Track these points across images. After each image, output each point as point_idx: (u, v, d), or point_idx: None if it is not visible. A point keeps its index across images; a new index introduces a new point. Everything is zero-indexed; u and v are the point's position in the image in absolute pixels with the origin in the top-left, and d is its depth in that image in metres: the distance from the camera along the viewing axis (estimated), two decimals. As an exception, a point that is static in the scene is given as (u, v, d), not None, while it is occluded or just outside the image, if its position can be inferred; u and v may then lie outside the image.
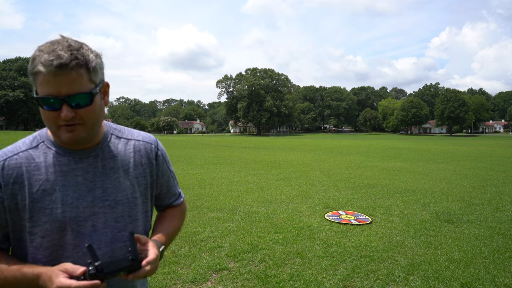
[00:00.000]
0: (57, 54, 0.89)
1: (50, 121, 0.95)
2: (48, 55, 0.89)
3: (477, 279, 3.49)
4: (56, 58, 0.89)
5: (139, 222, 1.11)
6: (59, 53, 0.89)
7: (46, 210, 0.98)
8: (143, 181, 1.13)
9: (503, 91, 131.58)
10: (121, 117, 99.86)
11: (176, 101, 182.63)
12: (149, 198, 1.16)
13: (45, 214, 0.98)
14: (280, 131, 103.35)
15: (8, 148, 1.01)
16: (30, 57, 0.93)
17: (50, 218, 0.98)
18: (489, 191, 8.28)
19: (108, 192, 1.05)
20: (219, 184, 8.69)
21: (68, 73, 0.90)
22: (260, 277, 3.45)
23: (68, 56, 0.90)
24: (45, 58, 0.89)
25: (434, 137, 72.55)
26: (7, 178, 0.97)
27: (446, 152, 22.18)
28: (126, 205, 1.07)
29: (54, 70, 0.89)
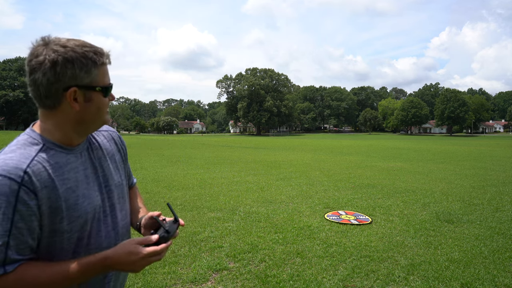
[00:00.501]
0: (102, 49, 1.06)
1: (105, 107, 1.10)
2: (100, 51, 1.04)
3: (477, 279, 3.49)
4: (105, 52, 1.06)
5: (127, 200, 1.26)
6: (101, 49, 1.06)
7: (77, 206, 1.04)
8: (121, 164, 1.27)
9: (503, 91, 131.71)
10: (121, 117, 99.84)
11: (176, 101, 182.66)
12: (126, 178, 1.31)
13: (76, 210, 1.04)
14: (280, 131, 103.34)
15: (15, 158, 0.97)
16: (76, 52, 0.99)
17: (81, 212, 1.05)
18: (489, 191, 8.28)
19: (106, 179, 1.16)
20: (219, 184, 8.69)
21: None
22: (260, 277, 3.45)
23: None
24: (101, 50, 1.04)
25: (434, 137, 72.54)
26: (38, 184, 0.97)
27: (446, 152, 22.18)
28: (119, 188, 1.20)
29: (109, 61, 1.08)
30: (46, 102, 1.01)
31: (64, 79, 0.98)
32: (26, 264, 0.97)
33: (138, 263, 1.02)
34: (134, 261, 1.02)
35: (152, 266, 3.64)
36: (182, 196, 7.14)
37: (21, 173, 0.94)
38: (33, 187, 0.95)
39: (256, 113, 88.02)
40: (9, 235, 0.92)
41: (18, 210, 0.93)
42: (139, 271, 1.05)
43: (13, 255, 0.94)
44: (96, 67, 1.02)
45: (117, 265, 1.02)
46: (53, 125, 1.05)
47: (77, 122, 1.05)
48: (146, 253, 1.01)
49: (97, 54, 1.02)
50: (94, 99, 1.05)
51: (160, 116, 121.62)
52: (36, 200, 0.96)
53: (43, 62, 0.97)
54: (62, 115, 1.03)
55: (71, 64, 0.98)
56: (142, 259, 1.02)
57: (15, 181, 0.93)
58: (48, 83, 0.98)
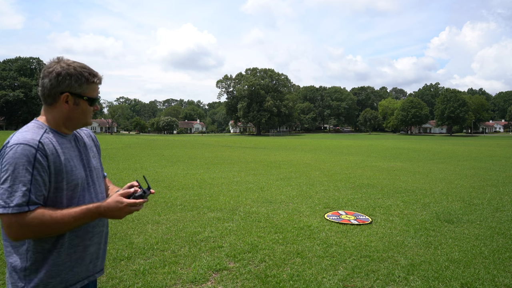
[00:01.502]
0: (96, 73, 1.52)
1: (89, 113, 1.53)
2: (96, 73, 1.51)
3: (477, 279, 3.49)
4: (99, 76, 1.52)
5: (102, 181, 1.69)
6: (97, 72, 1.52)
7: (73, 171, 1.45)
8: (97, 155, 1.68)
9: (503, 91, 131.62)
10: (121, 117, 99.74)
11: (176, 101, 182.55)
12: (101, 167, 1.74)
13: (72, 174, 1.44)
14: (280, 131, 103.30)
15: (29, 134, 1.38)
16: (76, 70, 1.45)
17: (74, 177, 1.45)
18: (489, 191, 8.28)
19: (88, 161, 1.58)
20: (219, 184, 8.69)
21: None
22: (260, 277, 3.45)
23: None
24: (96, 74, 1.51)
25: (434, 137, 72.52)
26: (48, 151, 1.37)
27: (446, 152, 22.17)
28: (97, 170, 1.63)
29: (99, 82, 1.53)
30: (48, 100, 1.46)
31: (62, 86, 1.43)
32: (42, 207, 1.34)
33: (123, 209, 1.43)
34: (120, 208, 1.42)
35: (152, 266, 3.64)
36: (182, 196, 7.14)
37: (37, 142, 1.36)
38: (45, 152, 1.36)
39: (256, 113, 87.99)
40: (31, 184, 1.31)
41: (36, 167, 1.32)
42: (122, 217, 1.46)
43: (34, 199, 1.32)
44: (88, 83, 1.47)
45: (107, 211, 1.42)
46: (51, 117, 1.48)
47: (66, 118, 1.49)
48: (128, 202, 1.44)
49: (91, 75, 1.48)
50: (81, 105, 1.48)
51: (160, 116, 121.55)
52: (47, 162, 1.36)
53: (51, 72, 1.43)
54: (57, 111, 1.47)
55: (70, 77, 1.43)
56: (125, 206, 1.43)
57: (33, 147, 1.34)
58: (51, 87, 1.43)
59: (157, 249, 4.15)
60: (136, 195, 1.48)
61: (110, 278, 3.38)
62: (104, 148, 22.18)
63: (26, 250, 1.39)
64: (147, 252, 4.04)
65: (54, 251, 1.42)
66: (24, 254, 1.39)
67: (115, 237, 4.51)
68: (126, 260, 3.81)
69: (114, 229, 4.82)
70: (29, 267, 1.39)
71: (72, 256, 1.46)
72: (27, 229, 1.30)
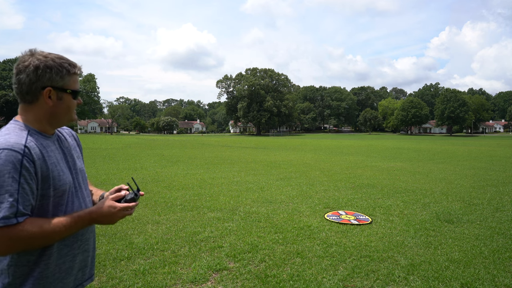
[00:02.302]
0: (75, 63, 1.39)
1: (73, 107, 1.41)
2: (74, 63, 1.38)
3: (477, 279, 3.49)
4: (78, 66, 1.39)
5: (87, 184, 1.58)
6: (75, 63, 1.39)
7: (60, 177, 1.33)
8: (81, 156, 1.59)
9: (503, 91, 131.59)
10: (121, 117, 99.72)
11: (176, 101, 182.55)
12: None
13: (60, 179, 1.33)
14: (280, 131, 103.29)
15: (12, 137, 1.25)
16: (55, 62, 1.32)
17: (63, 181, 1.35)
18: (489, 191, 8.28)
19: (74, 163, 1.47)
20: (219, 184, 8.69)
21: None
22: (260, 277, 3.45)
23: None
24: (74, 64, 1.37)
25: (434, 137, 72.51)
26: (35, 156, 1.25)
27: (446, 152, 22.17)
28: (83, 172, 1.53)
29: (80, 73, 1.41)
30: (27, 97, 1.32)
31: (42, 80, 1.30)
32: (31, 217, 1.24)
33: (116, 214, 1.36)
34: (113, 212, 1.35)
35: (152, 266, 3.64)
36: (182, 196, 7.14)
37: (22, 147, 1.23)
38: (32, 158, 1.24)
39: (256, 113, 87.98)
40: (18, 193, 1.19)
41: (23, 174, 1.20)
42: (115, 222, 1.39)
43: (22, 209, 1.20)
44: (69, 75, 1.35)
45: (100, 217, 1.35)
46: (32, 116, 1.34)
47: (50, 115, 1.36)
48: (122, 206, 1.37)
49: (71, 65, 1.36)
50: (64, 99, 1.37)
51: (160, 116, 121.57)
52: (34, 168, 1.24)
53: (28, 66, 1.29)
54: (39, 109, 1.34)
55: (50, 69, 1.30)
56: (118, 211, 1.36)
57: (19, 153, 1.21)
58: (30, 82, 1.29)
59: (157, 249, 4.15)
60: (128, 198, 1.41)
61: (110, 278, 3.38)
62: (104, 148, 22.18)
63: (8, 265, 1.26)
64: (147, 252, 4.04)
65: (41, 263, 1.31)
66: (6, 269, 1.27)
67: (115, 237, 4.51)
68: (126, 260, 3.81)
69: (114, 229, 4.82)
70: (11, 282, 1.27)
71: (61, 267, 1.37)
72: (16, 242, 1.19)
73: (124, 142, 30.18)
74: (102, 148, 21.66)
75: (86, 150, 19.24)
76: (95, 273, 3.48)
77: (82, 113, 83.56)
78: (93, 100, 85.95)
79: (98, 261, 3.74)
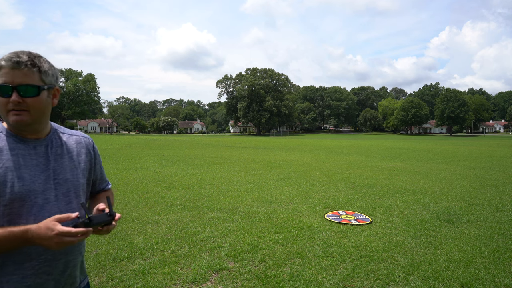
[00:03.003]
0: (17, 55, 1.19)
1: (2, 106, 1.20)
2: (10, 55, 1.19)
3: (477, 279, 3.49)
4: (15, 57, 1.18)
5: (81, 197, 1.38)
6: (19, 54, 1.20)
7: (8, 184, 1.18)
8: (84, 165, 1.41)
9: (503, 91, 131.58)
10: (121, 117, 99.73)
11: (176, 101, 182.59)
12: (90, 180, 1.48)
13: (7, 187, 1.18)
14: (280, 131, 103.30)
15: None
16: None
17: (11, 190, 1.19)
18: (489, 191, 8.28)
19: (57, 173, 1.30)
20: (219, 184, 8.69)
21: (21, 68, 1.18)
22: (260, 277, 3.45)
23: (25, 57, 1.19)
24: (8, 56, 1.19)
25: (434, 137, 72.52)
26: None
27: (446, 152, 22.17)
28: (71, 183, 1.33)
29: (12, 64, 1.17)
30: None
31: None
32: None
33: (53, 239, 1.11)
34: (49, 236, 1.11)
35: (152, 266, 3.64)
36: (182, 196, 7.14)
37: None
38: None
39: (256, 113, 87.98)
40: None
41: None
42: (55, 248, 1.14)
43: None
44: None
45: (36, 238, 1.13)
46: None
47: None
48: (60, 231, 1.11)
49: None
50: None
51: (160, 116, 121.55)
52: None
53: None
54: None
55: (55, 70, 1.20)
56: (56, 235, 1.11)
57: None
58: None
59: (157, 249, 4.15)
60: (78, 222, 1.15)
61: (110, 278, 3.38)
62: (104, 148, 22.19)
63: None
64: (147, 252, 4.04)
65: None
66: None
67: (115, 237, 4.51)
68: (126, 260, 3.81)
69: (114, 229, 4.81)
70: None
71: (3, 286, 1.20)
72: None
73: (124, 142, 30.19)
74: (102, 148, 21.66)
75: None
76: (96, 273, 3.49)
77: (82, 113, 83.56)
78: (93, 100, 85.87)
79: (98, 261, 3.74)
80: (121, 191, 7.59)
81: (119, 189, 7.78)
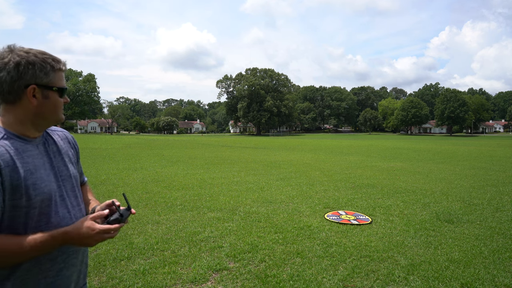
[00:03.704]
0: (59, 58, 1.27)
1: (60, 106, 1.29)
2: (58, 59, 1.27)
3: (477, 279, 3.49)
4: (63, 62, 1.29)
5: (79, 191, 1.43)
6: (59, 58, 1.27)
7: (35, 186, 1.19)
8: (74, 160, 1.46)
9: (503, 91, 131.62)
10: (121, 117, 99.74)
11: (176, 101, 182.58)
12: (78, 173, 1.50)
13: (35, 189, 1.18)
14: (280, 131, 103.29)
15: None
16: (37, 57, 1.21)
17: (38, 192, 1.19)
18: (489, 191, 8.28)
19: (61, 170, 1.33)
20: (219, 184, 8.69)
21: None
22: (260, 277, 3.45)
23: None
24: (62, 61, 1.28)
25: (434, 137, 72.51)
26: (2, 163, 1.12)
27: (446, 152, 22.17)
28: (73, 178, 1.38)
29: (65, 69, 1.30)
30: (9, 97, 1.19)
31: (25, 77, 1.18)
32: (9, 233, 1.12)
33: (94, 237, 1.19)
34: (90, 235, 1.18)
35: (152, 266, 3.64)
36: (182, 196, 7.14)
37: None
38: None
39: (256, 113, 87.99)
40: None
41: None
42: (93, 245, 1.22)
43: None
44: (54, 71, 1.24)
45: (77, 239, 1.19)
46: (14, 118, 1.22)
47: (34, 115, 1.24)
48: (100, 229, 1.19)
49: (55, 61, 1.25)
50: (50, 97, 1.25)
51: (160, 116, 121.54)
52: (1, 177, 1.11)
53: (8, 63, 1.16)
54: (22, 109, 1.22)
55: (32, 65, 1.19)
56: (97, 233, 1.19)
57: None
58: (11, 80, 1.17)
59: (157, 249, 4.15)
60: (111, 219, 1.24)
61: (110, 278, 3.38)
62: (104, 148, 22.18)
63: None
64: (147, 252, 4.04)
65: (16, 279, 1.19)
66: None
67: (115, 237, 4.50)
68: (126, 260, 3.81)
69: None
70: None
71: (41, 282, 1.24)
72: None
73: (124, 142, 30.18)
74: (102, 148, 21.66)
75: (86, 150, 19.24)
76: (96, 273, 3.49)
77: (82, 113, 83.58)
78: (93, 100, 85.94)
79: (98, 261, 3.74)
80: (121, 191, 7.59)
81: (119, 189, 7.78)
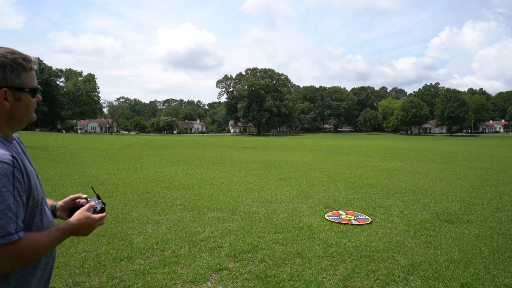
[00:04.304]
0: (30, 56, 1.25)
1: (33, 106, 1.28)
2: (28, 57, 1.24)
3: (477, 279, 3.49)
4: (34, 61, 1.26)
5: None
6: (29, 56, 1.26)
7: (36, 187, 1.24)
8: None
9: (503, 91, 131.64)
10: (121, 117, 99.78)
11: (176, 101, 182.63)
12: None
13: (36, 188, 1.24)
14: (280, 131, 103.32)
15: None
16: (7, 58, 1.17)
17: (39, 190, 1.26)
18: (489, 191, 8.28)
19: (34, 170, 1.34)
20: (219, 184, 8.69)
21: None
22: (260, 277, 3.45)
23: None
24: (33, 59, 1.25)
25: (434, 137, 72.52)
26: (21, 166, 1.17)
27: (446, 152, 22.18)
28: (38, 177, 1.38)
29: (36, 68, 1.29)
30: None
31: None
32: (26, 232, 1.17)
33: (93, 226, 1.35)
34: (91, 224, 1.34)
35: (152, 266, 3.64)
36: (182, 196, 7.14)
37: (10, 157, 1.13)
38: (20, 168, 1.16)
39: (256, 113, 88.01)
40: (15, 207, 1.11)
41: (16, 186, 1.12)
42: (89, 234, 1.36)
43: (20, 223, 1.13)
44: (25, 71, 1.22)
45: (80, 229, 1.32)
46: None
47: (8, 118, 1.22)
48: (97, 218, 1.36)
49: (26, 60, 1.22)
50: (23, 99, 1.23)
51: (160, 116, 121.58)
52: (23, 178, 1.16)
53: None
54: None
55: (3, 68, 1.16)
56: (96, 222, 1.36)
57: (10, 164, 1.12)
58: None
59: (157, 249, 4.15)
60: (98, 209, 1.41)
61: (110, 278, 3.38)
62: (104, 148, 22.18)
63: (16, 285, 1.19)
64: (147, 252, 4.04)
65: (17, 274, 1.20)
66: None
67: (115, 237, 4.51)
68: (126, 260, 3.81)
69: (114, 229, 4.82)
70: None
71: (36, 274, 1.27)
72: (16, 259, 1.12)
73: (124, 142, 30.18)
74: (102, 148, 21.66)
75: (86, 150, 19.24)
76: (96, 273, 3.49)
77: (82, 113, 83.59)
78: (93, 100, 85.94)
79: (98, 261, 3.74)
80: (121, 191, 7.59)
81: (119, 189, 7.78)
